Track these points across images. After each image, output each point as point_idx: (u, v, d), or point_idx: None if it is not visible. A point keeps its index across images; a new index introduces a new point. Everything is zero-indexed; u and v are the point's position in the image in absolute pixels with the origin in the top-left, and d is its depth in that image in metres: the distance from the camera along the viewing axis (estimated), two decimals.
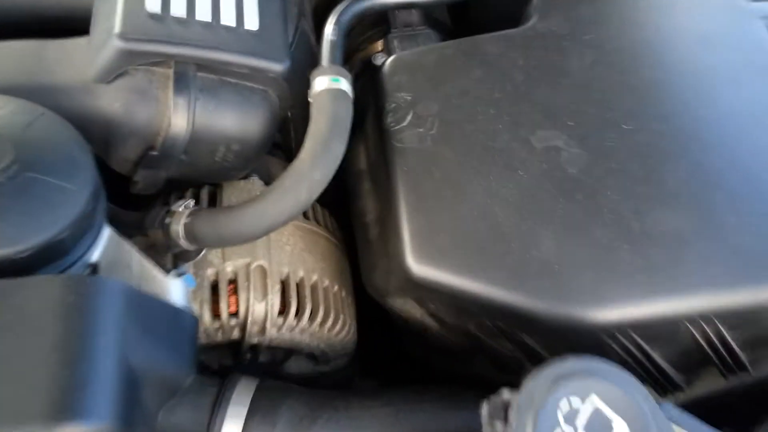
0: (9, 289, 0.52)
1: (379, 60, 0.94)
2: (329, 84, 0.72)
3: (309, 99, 0.73)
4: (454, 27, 1.06)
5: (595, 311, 0.61)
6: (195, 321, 0.63)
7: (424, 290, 0.68)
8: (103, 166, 0.74)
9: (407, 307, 0.75)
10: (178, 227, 0.69)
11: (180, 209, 0.71)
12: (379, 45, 1.00)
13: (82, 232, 0.61)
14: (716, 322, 0.61)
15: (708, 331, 0.62)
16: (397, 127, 0.74)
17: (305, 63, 0.95)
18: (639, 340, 0.62)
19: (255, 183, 0.86)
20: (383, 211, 0.75)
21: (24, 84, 0.70)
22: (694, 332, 0.62)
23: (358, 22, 0.85)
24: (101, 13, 0.72)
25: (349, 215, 0.88)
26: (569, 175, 0.67)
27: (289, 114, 0.94)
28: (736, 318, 0.61)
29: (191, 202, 0.72)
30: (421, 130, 0.73)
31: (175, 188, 0.84)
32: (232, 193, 0.84)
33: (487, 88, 0.74)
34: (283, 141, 1.01)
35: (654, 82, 0.73)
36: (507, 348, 0.71)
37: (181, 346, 0.60)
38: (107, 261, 0.64)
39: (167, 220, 0.71)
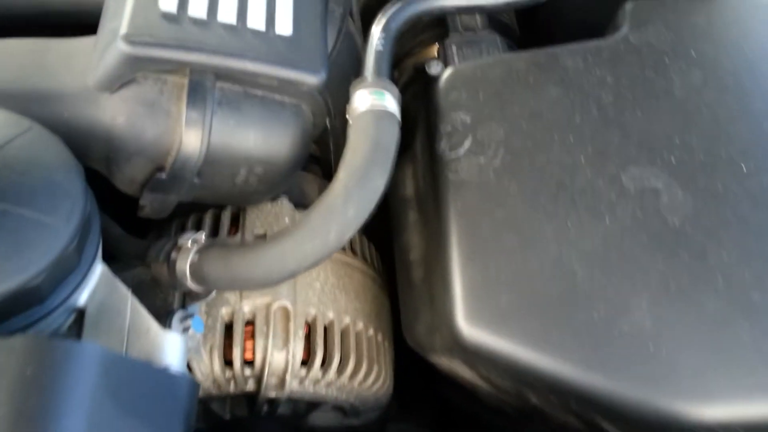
0: None
1: (434, 68, 0.81)
2: (372, 102, 0.59)
3: (347, 117, 0.61)
4: (522, 33, 0.92)
5: (700, 406, 0.48)
6: (193, 388, 0.51)
7: (476, 356, 0.54)
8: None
9: (454, 366, 0.61)
10: (185, 266, 0.58)
11: (188, 243, 0.59)
12: (435, 50, 0.87)
13: (65, 273, 0.51)
14: None
15: None
16: (452, 155, 0.61)
17: (349, 69, 0.83)
18: None
19: (284, 206, 0.75)
20: (431, 252, 0.62)
21: (19, 89, 0.60)
22: None
23: (411, 26, 0.72)
24: (110, 9, 0.61)
25: (392, 246, 0.76)
26: (670, 226, 0.53)
27: (329, 124, 0.82)
28: None
29: (201, 236, 0.60)
30: (481, 159, 0.59)
31: (192, 210, 0.73)
32: (257, 216, 0.74)
33: (565, 111, 0.60)
34: (322, 154, 0.89)
35: None
36: (576, 425, 0.57)
37: (171, 422, 0.49)
38: (96, 306, 0.54)
39: (173, 256, 0.59)
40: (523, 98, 0.62)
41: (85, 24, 0.70)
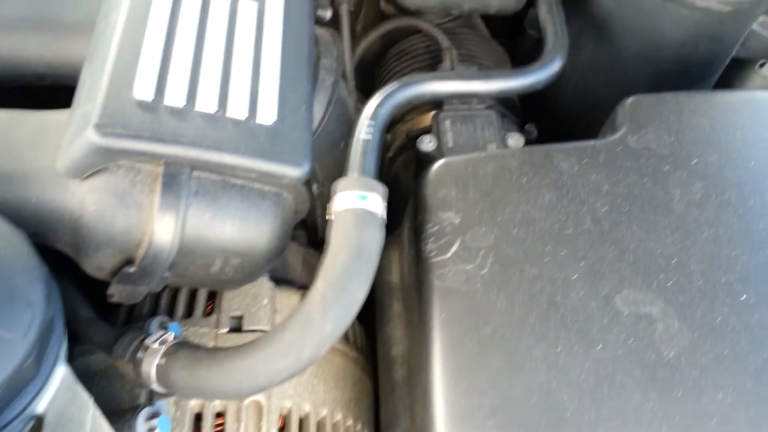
0: None
1: (425, 144, 0.77)
2: (355, 203, 0.55)
3: (328, 216, 0.57)
4: (522, 108, 0.89)
5: None
6: None
7: None
8: None
9: None
10: (151, 369, 0.54)
11: (155, 345, 0.55)
12: (427, 119, 0.84)
13: (22, 384, 0.47)
14: None
15: None
16: (438, 259, 0.57)
17: (339, 135, 0.79)
18: None
19: (263, 286, 0.71)
20: (413, 355, 0.58)
21: None
22: None
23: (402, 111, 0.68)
24: (85, 87, 0.57)
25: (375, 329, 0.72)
26: (665, 360, 0.49)
27: (316, 190, 0.78)
28: None
29: (171, 335, 0.56)
30: (469, 267, 0.56)
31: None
32: (234, 297, 0.70)
33: (559, 220, 0.56)
34: (308, 218, 0.85)
35: None
36: None
37: None
38: (55, 414, 0.50)
39: (139, 355, 0.55)
40: (516, 201, 0.58)
41: (62, 85, 0.67)
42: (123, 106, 0.53)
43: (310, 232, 0.87)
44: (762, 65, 0.86)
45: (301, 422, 0.64)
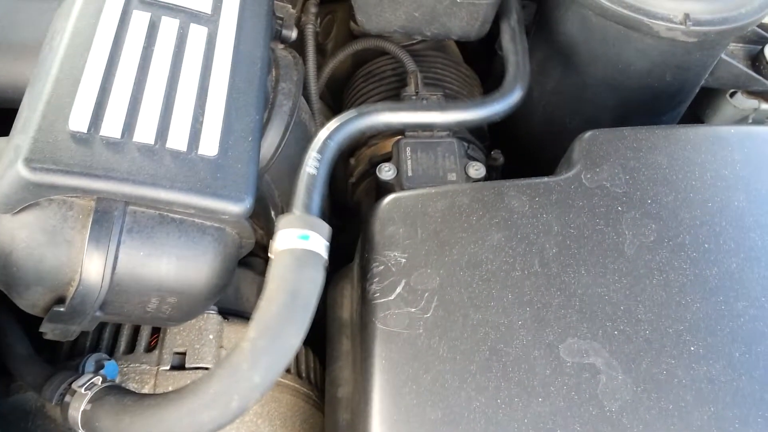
0: None
1: (384, 173, 0.75)
2: (296, 242, 0.52)
3: (269, 254, 0.54)
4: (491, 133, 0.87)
5: None
6: None
7: None
8: None
9: None
10: (77, 414, 0.51)
11: (82, 389, 0.52)
12: (390, 144, 0.81)
13: None
14: None
15: None
16: (382, 300, 0.54)
17: (299, 157, 0.76)
18: None
19: (210, 320, 0.69)
20: (356, 401, 0.56)
21: None
22: None
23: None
24: (23, 116, 0.55)
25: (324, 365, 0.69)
26: (607, 415, 0.47)
27: (274, 216, 0.76)
28: None
29: (99, 380, 0.53)
30: (413, 310, 0.53)
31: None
32: (178, 332, 0.67)
33: (506, 262, 0.54)
34: (267, 242, 0.83)
35: (737, 281, 0.52)
36: None
37: None
38: None
39: (66, 399, 0.53)
40: (464, 241, 0.55)
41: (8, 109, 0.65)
42: (56, 139, 0.50)
43: (266, 259, 0.84)
44: (732, 95, 0.83)
45: None
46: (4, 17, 0.67)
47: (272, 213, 0.75)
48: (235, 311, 0.72)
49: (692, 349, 0.49)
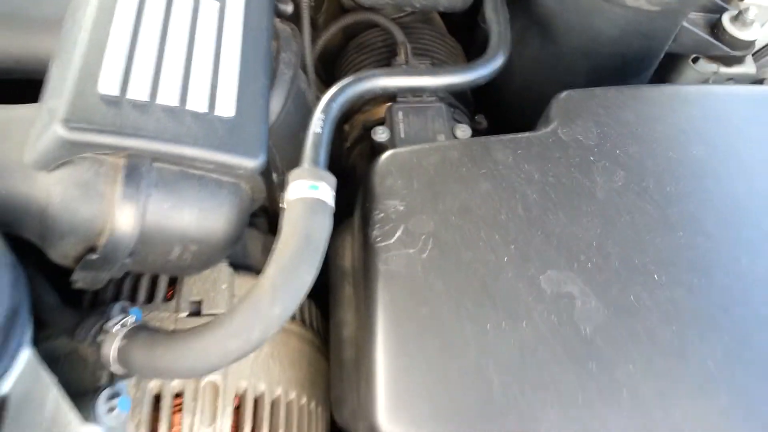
0: None
1: (379, 135, 0.80)
2: (306, 192, 0.58)
3: (281, 204, 0.60)
4: (475, 99, 0.92)
5: None
6: None
7: None
8: None
9: None
10: (110, 351, 0.57)
11: (114, 329, 0.58)
12: (383, 111, 0.87)
13: None
14: None
15: None
16: (383, 244, 0.60)
17: (298, 125, 0.82)
18: None
19: (222, 271, 0.74)
20: (360, 336, 0.62)
21: None
22: None
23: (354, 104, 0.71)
24: (52, 82, 0.59)
25: (329, 311, 0.75)
26: (582, 335, 0.54)
27: (275, 179, 0.81)
28: None
29: (130, 319, 0.59)
30: (411, 251, 0.59)
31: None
32: (194, 282, 0.72)
33: (493, 207, 0.60)
34: (269, 205, 0.88)
35: (696, 219, 0.59)
36: None
37: None
38: (19, 395, 0.53)
39: (99, 338, 0.58)
40: (455, 190, 0.61)
41: (31, 80, 0.69)
42: (88, 101, 0.55)
43: (270, 219, 0.89)
44: (695, 60, 0.90)
45: (256, 401, 0.68)
46: None
47: (273, 175, 0.81)
48: (243, 265, 0.78)
49: (656, 277, 0.56)
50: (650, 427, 0.50)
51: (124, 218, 0.57)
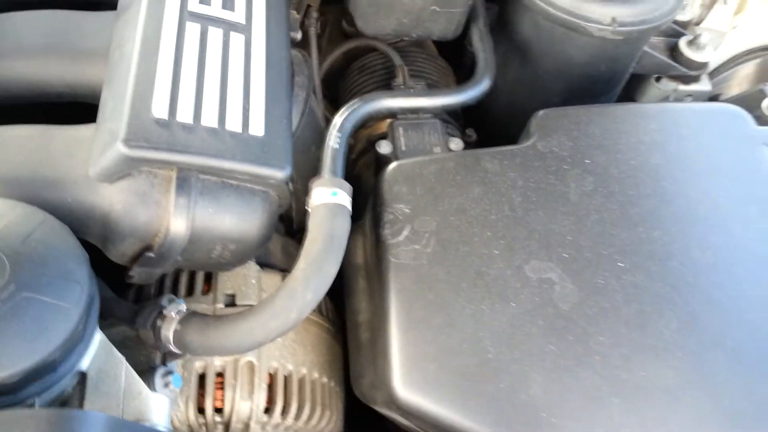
0: None
1: (383, 148, 0.90)
2: (328, 198, 0.68)
3: (307, 208, 0.70)
4: (465, 116, 1.03)
5: None
6: None
7: (409, 414, 0.64)
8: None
9: (393, 416, 0.72)
10: (169, 334, 0.66)
11: (172, 314, 0.67)
12: (385, 125, 0.97)
13: (74, 345, 0.58)
14: None
15: None
16: (393, 241, 0.71)
17: (310, 139, 0.92)
18: None
19: (250, 267, 0.83)
20: (375, 320, 0.72)
21: (28, 176, 0.67)
22: None
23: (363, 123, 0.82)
24: (108, 106, 0.68)
25: (344, 305, 0.85)
26: (561, 312, 0.64)
27: (291, 188, 0.91)
28: None
29: (183, 306, 0.69)
30: (417, 247, 0.70)
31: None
32: (227, 278, 0.82)
33: (484, 209, 0.71)
34: (285, 212, 0.98)
35: (653, 216, 0.69)
36: None
37: None
38: (96, 371, 0.61)
39: (158, 323, 0.68)
40: (452, 195, 0.72)
41: (79, 103, 0.79)
42: (144, 123, 0.64)
43: (286, 224, 0.99)
44: (658, 79, 1.01)
45: (286, 379, 0.76)
46: (73, 29, 0.81)
47: (290, 185, 0.91)
48: (266, 263, 0.88)
49: (621, 265, 0.66)
50: (618, 385, 0.60)
51: (177, 222, 0.66)
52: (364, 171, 0.99)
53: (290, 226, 0.99)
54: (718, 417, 0.58)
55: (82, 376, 0.60)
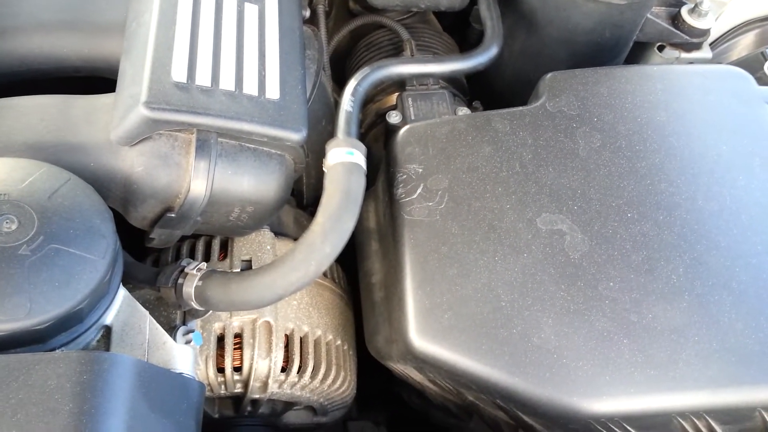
0: (25, 366, 0.51)
1: (393, 118, 0.92)
2: (344, 157, 0.70)
3: (324, 168, 0.72)
4: (470, 88, 1.05)
5: (590, 403, 0.60)
6: (201, 389, 0.62)
7: (425, 363, 0.66)
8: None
9: (407, 371, 0.74)
10: (191, 290, 0.68)
11: (193, 271, 0.70)
12: (394, 98, 0.99)
13: (100, 297, 0.60)
14: (708, 418, 0.60)
15: (699, 425, 0.60)
16: (407, 199, 0.73)
17: (321, 113, 0.94)
18: (631, 430, 0.61)
19: (265, 234, 0.85)
20: (389, 278, 0.74)
21: (50, 142, 0.69)
22: (686, 426, 0.61)
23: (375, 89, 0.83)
24: (128, 74, 0.70)
25: (357, 269, 0.87)
26: (571, 261, 0.66)
27: (305, 151, 0.93)
28: (728, 415, 0.60)
29: (204, 264, 0.71)
30: (430, 204, 0.72)
31: (187, 236, 0.84)
32: (243, 244, 0.84)
33: (495, 166, 0.73)
34: (296, 185, 1.00)
35: (660, 169, 0.71)
36: (503, 418, 0.70)
37: (186, 418, 0.59)
38: (120, 324, 0.63)
39: (180, 281, 0.70)
40: (464, 154, 0.74)
41: (96, 76, 0.81)
42: (164, 87, 0.66)
43: (298, 197, 1.02)
44: (661, 48, 1.03)
45: (302, 340, 0.79)
46: (89, 3, 0.83)
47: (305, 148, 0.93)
48: (279, 232, 0.90)
49: (629, 215, 0.68)
50: (627, 326, 0.62)
51: (197, 183, 0.68)
52: (373, 144, 1.01)
53: (301, 200, 1.01)
54: (723, 354, 0.60)
55: (107, 330, 0.62)
